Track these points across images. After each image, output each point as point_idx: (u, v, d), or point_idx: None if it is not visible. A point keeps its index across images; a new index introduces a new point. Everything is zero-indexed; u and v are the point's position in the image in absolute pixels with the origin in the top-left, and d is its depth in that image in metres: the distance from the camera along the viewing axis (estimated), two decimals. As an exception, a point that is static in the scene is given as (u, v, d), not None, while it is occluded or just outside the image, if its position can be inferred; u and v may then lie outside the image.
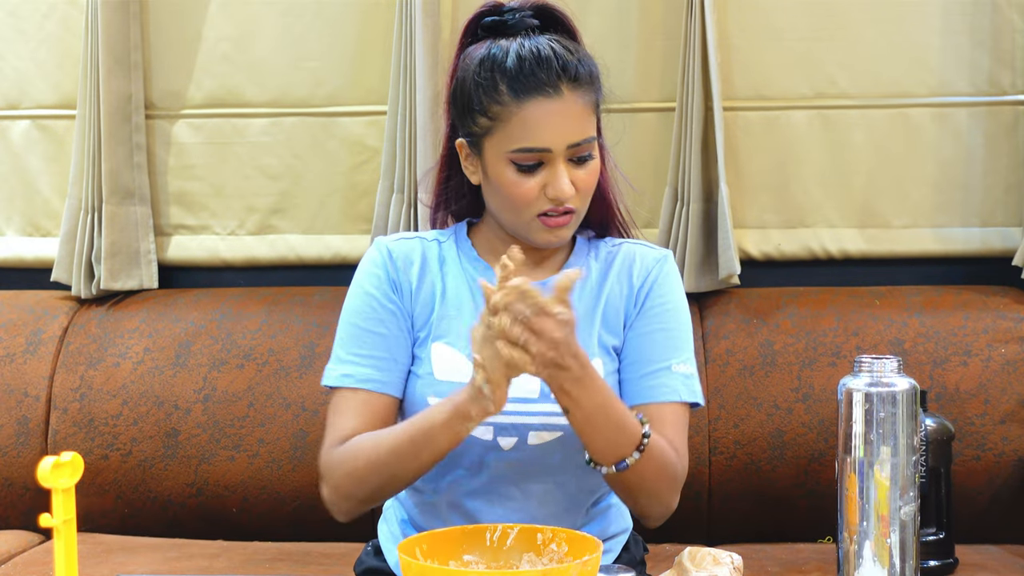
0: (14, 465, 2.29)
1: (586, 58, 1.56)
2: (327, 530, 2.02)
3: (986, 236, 2.37)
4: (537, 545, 1.35)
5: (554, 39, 1.55)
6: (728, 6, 2.37)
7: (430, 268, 1.62)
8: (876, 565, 1.46)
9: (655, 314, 1.61)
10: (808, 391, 2.18)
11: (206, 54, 2.48)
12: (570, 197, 1.53)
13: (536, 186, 1.53)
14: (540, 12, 1.59)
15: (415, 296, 1.61)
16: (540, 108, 1.51)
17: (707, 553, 1.43)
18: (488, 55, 1.54)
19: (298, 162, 2.48)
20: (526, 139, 1.51)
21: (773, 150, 2.39)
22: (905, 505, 1.45)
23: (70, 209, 2.45)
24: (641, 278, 1.63)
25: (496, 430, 1.55)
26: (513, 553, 1.35)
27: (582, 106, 1.53)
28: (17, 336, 2.37)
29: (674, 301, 1.63)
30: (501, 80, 1.52)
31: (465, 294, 1.61)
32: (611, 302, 1.62)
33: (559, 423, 1.55)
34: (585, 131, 1.53)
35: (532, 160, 1.52)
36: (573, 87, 1.52)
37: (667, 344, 1.60)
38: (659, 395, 1.57)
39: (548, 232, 1.56)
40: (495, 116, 1.52)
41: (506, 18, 1.58)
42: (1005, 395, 2.16)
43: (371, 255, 1.64)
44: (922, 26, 2.36)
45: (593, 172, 1.56)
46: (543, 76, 1.51)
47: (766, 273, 2.40)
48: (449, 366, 1.57)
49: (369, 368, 1.57)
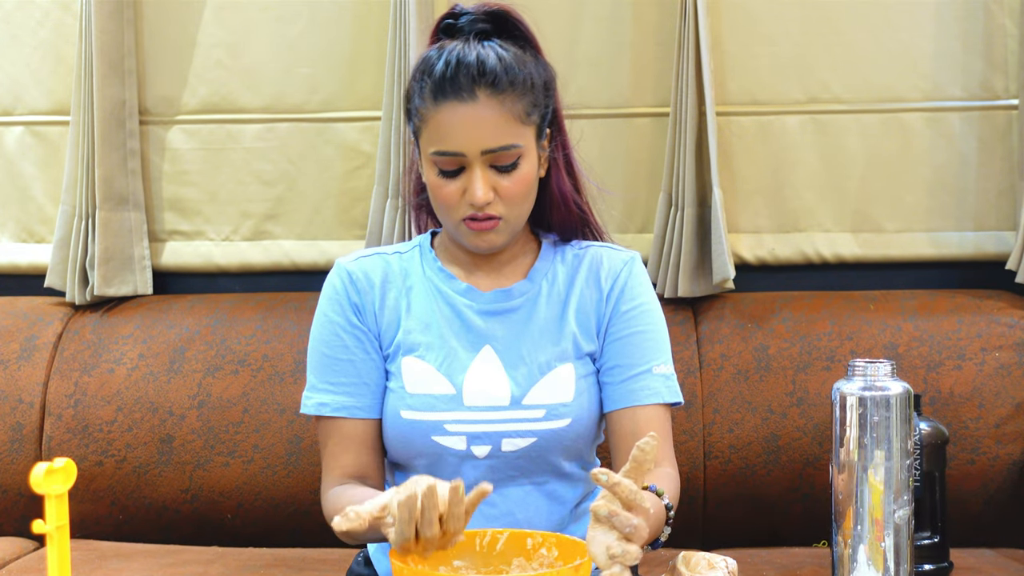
0: (8, 472, 2.28)
1: (520, 65, 1.54)
2: (322, 536, 2.02)
3: (980, 240, 2.38)
4: (527, 550, 1.35)
5: (494, 45, 1.55)
6: (721, 11, 2.37)
7: (393, 283, 1.63)
8: (871, 569, 1.46)
9: (630, 317, 1.61)
10: (803, 395, 2.18)
11: (200, 60, 2.48)
12: (484, 203, 1.52)
13: (457, 190, 1.53)
14: (494, 17, 1.59)
15: (379, 314, 1.61)
16: (453, 112, 1.51)
17: (702, 557, 1.43)
18: (426, 57, 1.56)
19: (292, 168, 2.48)
20: (441, 142, 1.52)
21: (767, 155, 2.40)
22: (899, 509, 1.45)
23: (64, 215, 2.45)
24: (610, 281, 1.63)
25: (469, 439, 1.56)
26: (503, 558, 1.35)
27: (501, 112, 1.52)
28: (11, 342, 2.37)
29: (647, 302, 1.63)
30: (427, 82, 1.54)
31: (431, 305, 1.61)
32: (582, 307, 1.62)
33: (532, 428, 1.56)
34: (503, 138, 1.52)
35: (451, 164, 1.53)
36: (491, 93, 1.51)
37: (645, 347, 1.61)
38: (642, 398, 1.58)
39: (475, 236, 1.56)
40: (422, 117, 1.55)
41: (459, 21, 1.59)
42: (999, 399, 2.16)
43: (331, 279, 1.64)
44: (915, 31, 2.37)
45: (520, 181, 1.54)
46: (461, 80, 1.51)
47: (760, 278, 2.41)
48: (419, 379, 1.58)
49: (342, 396, 1.59)
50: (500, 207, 1.54)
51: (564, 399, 1.57)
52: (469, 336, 1.60)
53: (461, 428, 1.55)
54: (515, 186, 1.54)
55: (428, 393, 1.56)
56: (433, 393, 1.56)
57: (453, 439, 1.55)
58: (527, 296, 1.62)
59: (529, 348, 1.59)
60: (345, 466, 1.59)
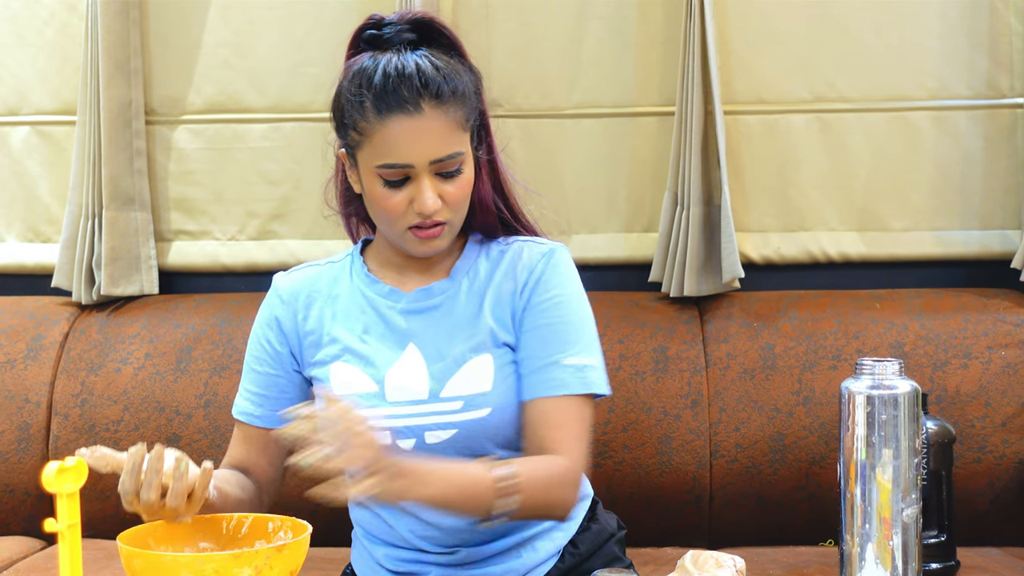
0: (15, 471, 2.29)
1: (455, 75, 1.56)
2: (325, 534, 2.02)
3: (985, 239, 2.38)
4: (268, 532, 1.45)
5: (426, 55, 1.56)
6: (727, 10, 2.37)
7: (319, 295, 1.68)
8: (878, 568, 1.46)
9: (541, 309, 1.62)
10: (809, 394, 2.18)
11: (206, 60, 2.49)
12: (434, 211, 1.55)
13: (403, 200, 1.55)
14: (419, 26, 1.60)
15: (305, 330, 1.67)
16: (401, 125, 1.52)
17: (710, 556, 1.43)
18: (360, 69, 1.57)
19: (298, 167, 2.49)
20: (389, 155, 1.54)
21: (772, 154, 2.40)
22: (907, 507, 1.45)
23: (70, 215, 2.45)
24: (525, 273, 1.64)
25: (393, 433, 1.59)
26: (246, 541, 1.45)
27: (445, 122, 1.54)
28: (18, 342, 2.37)
29: (562, 294, 1.63)
30: (367, 96, 1.54)
31: (355, 310, 1.66)
32: (499, 299, 1.64)
33: (453, 420, 1.59)
34: (449, 147, 1.55)
35: (397, 176, 1.55)
36: (435, 104, 1.53)
37: (555, 338, 1.60)
38: (547, 389, 1.58)
39: (421, 243, 1.59)
40: (362, 131, 1.55)
41: (384, 32, 1.60)
42: (1005, 398, 2.16)
43: (266, 296, 1.73)
44: (920, 30, 2.37)
45: (463, 185, 1.58)
46: (404, 94, 1.52)
47: (766, 277, 2.41)
48: (345, 381, 1.62)
49: (247, 402, 1.70)
50: (446, 212, 1.57)
51: (483, 389, 1.59)
52: (394, 336, 1.63)
53: (385, 423, 1.58)
54: (459, 191, 1.57)
55: (353, 392, 1.61)
56: (358, 392, 1.61)
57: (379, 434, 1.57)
58: (447, 294, 1.65)
59: (447, 342, 1.62)
60: (233, 456, 1.71)
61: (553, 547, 1.66)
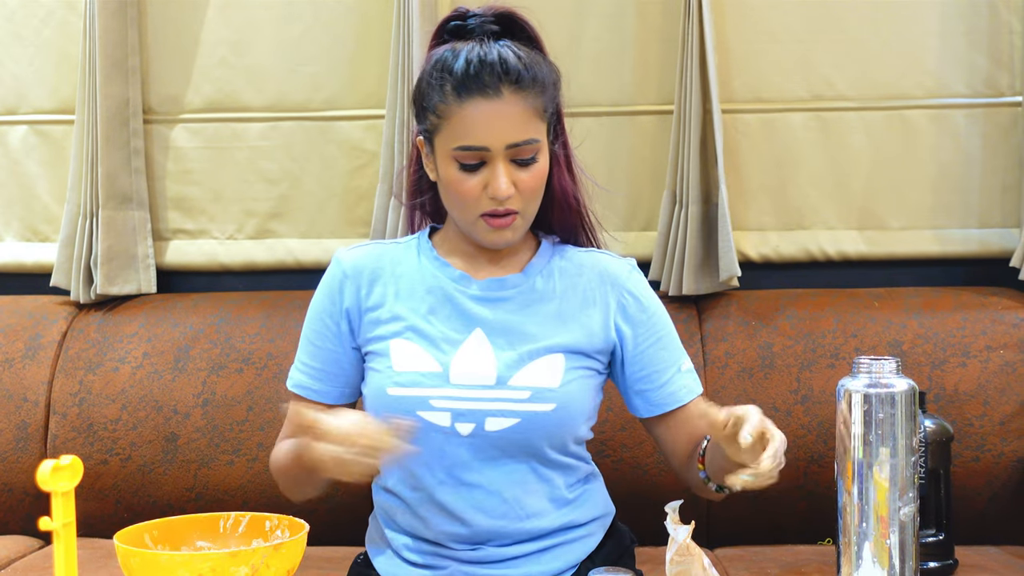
0: (13, 470, 2.29)
1: (536, 65, 1.61)
2: (325, 533, 2.02)
3: (984, 237, 2.38)
4: (265, 531, 1.46)
5: (509, 45, 1.61)
6: (725, 9, 2.37)
7: (384, 272, 1.70)
8: (876, 566, 1.46)
9: (648, 326, 1.70)
10: (807, 393, 2.18)
11: (204, 59, 2.49)
12: (507, 196, 1.58)
13: (478, 184, 1.59)
14: (502, 19, 1.65)
15: (368, 305, 1.68)
16: (479, 108, 1.57)
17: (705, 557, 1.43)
18: (442, 57, 1.61)
19: (296, 166, 2.49)
20: (466, 137, 1.57)
21: (771, 152, 2.40)
22: (904, 506, 1.45)
23: (69, 214, 2.45)
24: (618, 292, 1.70)
25: (454, 416, 1.60)
26: (243, 540, 1.45)
27: (524, 108, 1.58)
28: (16, 341, 2.37)
29: (655, 306, 1.73)
30: (448, 81, 1.58)
31: (420, 290, 1.68)
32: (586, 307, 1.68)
33: (516, 409, 1.60)
34: (526, 132, 1.58)
35: (473, 159, 1.58)
36: (515, 90, 1.58)
37: (668, 349, 1.71)
38: (683, 397, 1.70)
39: (491, 232, 1.62)
40: (441, 114, 1.59)
41: (468, 23, 1.65)
42: (1004, 396, 2.16)
43: (329, 270, 1.74)
44: (919, 28, 2.36)
45: (537, 175, 1.61)
46: (485, 78, 1.57)
47: (764, 275, 2.41)
48: (406, 358, 1.63)
49: (307, 377, 1.72)
50: (518, 201, 1.60)
51: (551, 384, 1.61)
52: (461, 319, 1.65)
53: (446, 404, 1.60)
54: (533, 180, 1.60)
55: (415, 371, 1.62)
56: (420, 371, 1.62)
57: (438, 415, 1.60)
58: (520, 288, 1.67)
59: (519, 335, 1.64)
60: (292, 433, 1.68)
61: (574, 557, 1.68)
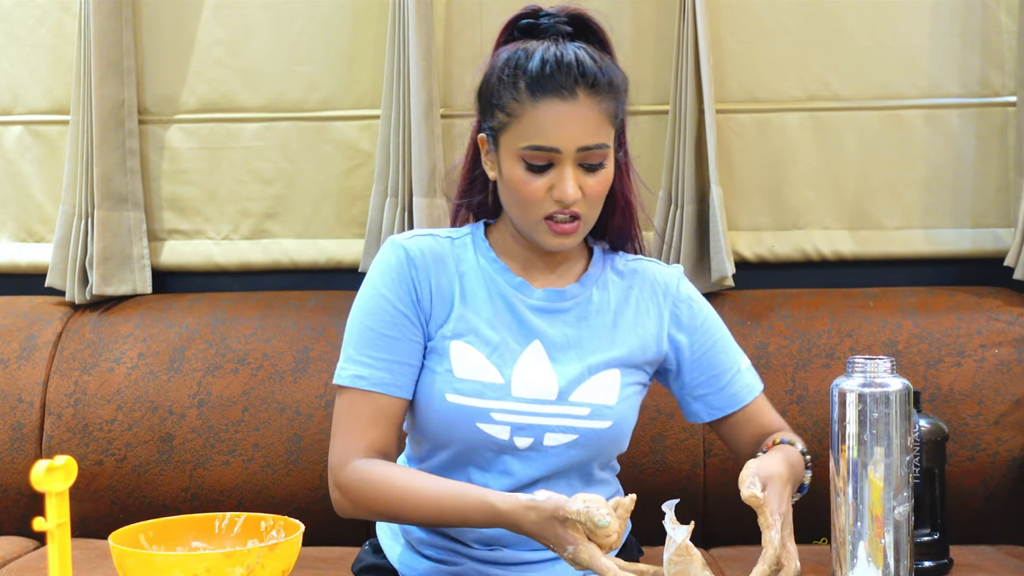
0: (8, 471, 2.28)
1: (610, 69, 1.59)
2: (322, 534, 2.02)
3: (978, 237, 2.38)
4: (260, 532, 1.45)
5: (582, 47, 1.58)
6: (720, 9, 2.38)
7: (447, 266, 1.64)
8: (870, 566, 1.46)
9: (705, 331, 1.70)
10: (802, 392, 2.18)
11: (199, 59, 2.48)
12: (574, 200, 1.55)
13: (543, 186, 1.55)
14: (574, 20, 1.63)
15: (434, 295, 1.62)
16: (553, 109, 1.54)
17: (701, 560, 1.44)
18: (514, 55, 1.58)
19: (291, 166, 2.48)
20: (537, 137, 1.54)
21: (766, 152, 2.40)
22: (899, 505, 1.46)
23: (64, 215, 2.45)
24: (670, 301, 1.70)
25: (513, 429, 1.58)
26: (238, 540, 1.44)
27: (598, 112, 1.56)
28: (11, 342, 2.37)
29: (707, 311, 1.73)
30: (521, 79, 1.55)
31: (482, 293, 1.63)
32: (641, 320, 1.67)
33: (576, 425, 1.59)
34: (597, 137, 1.56)
35: (542, 160, 1.55)
36: (590, 93, 1.55)
37: (727, 351, 1.72)
38: (746, 396, 1.72)
39: (553, 236, 1.58)
40: (512, 112, 1.56)
41: (540, 22, 1.62)
42: (999, 396, 2.16)
43: (387, 255, 1.63)
44: (913, 28, 2.37)
45: (603, 181, 1.58)
46: (561, 79, 1.54)
47: (759, 275, 2.41)
48: (468, 364, 1.59)
49: (383, 372, 1.58)
50: (583, 206, 1.57)
51: (608, 401, 1.61)
52: (520, 329, 1.62)
53: (507, 418, 1.57)
54: (599, 185, 1.58)
55: (477, 380, 1.58)
56: (482, 380, 1.58)
57: (497, 428, 1.57)
58: (578, 300, 1.65)
59: (577, 349, 1.62)
60: (374, 440, 1.58)
61: None
